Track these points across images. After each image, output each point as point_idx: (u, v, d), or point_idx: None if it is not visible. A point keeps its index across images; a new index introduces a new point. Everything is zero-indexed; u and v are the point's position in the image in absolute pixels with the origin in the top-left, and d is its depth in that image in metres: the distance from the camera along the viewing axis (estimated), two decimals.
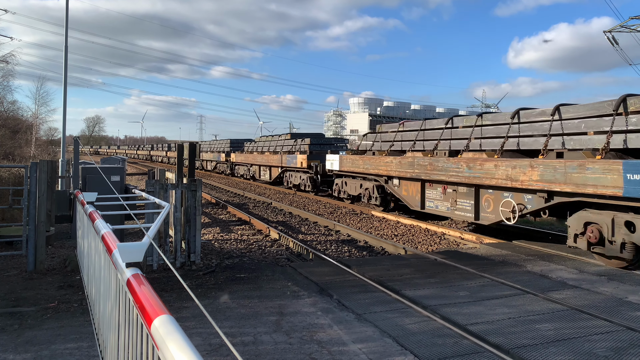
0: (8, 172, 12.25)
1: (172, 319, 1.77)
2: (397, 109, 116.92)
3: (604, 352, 4.78)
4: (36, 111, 43.71)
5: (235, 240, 11.59)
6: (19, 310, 5.88)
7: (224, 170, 39.67)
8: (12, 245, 9.36)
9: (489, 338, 5.09)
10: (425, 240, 11.85)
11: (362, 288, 6.98)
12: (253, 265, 8.57)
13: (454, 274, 7.80)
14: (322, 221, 14.58)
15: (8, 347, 4.75)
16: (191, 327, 5.29)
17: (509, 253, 9.48)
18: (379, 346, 4.88)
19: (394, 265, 8.44)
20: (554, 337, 5.15)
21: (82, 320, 5.49)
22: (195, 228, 8.42)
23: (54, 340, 4.94)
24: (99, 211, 4.95)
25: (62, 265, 8.06)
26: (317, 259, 9.57)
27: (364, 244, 11.55)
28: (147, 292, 2.11)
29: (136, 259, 2.54)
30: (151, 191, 8.12)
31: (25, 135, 36.03)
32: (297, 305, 6.14)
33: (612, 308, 6.12)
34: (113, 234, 3.47)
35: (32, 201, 8.03)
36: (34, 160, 8.72)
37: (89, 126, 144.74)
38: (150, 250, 7.68)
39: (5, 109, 36.36)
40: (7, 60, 35.44)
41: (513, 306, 6.18)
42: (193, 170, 9.07)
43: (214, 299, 6.38)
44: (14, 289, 6.83)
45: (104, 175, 8.14)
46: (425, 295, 6.63)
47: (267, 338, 5.04)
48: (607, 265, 8.47)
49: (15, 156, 26.80)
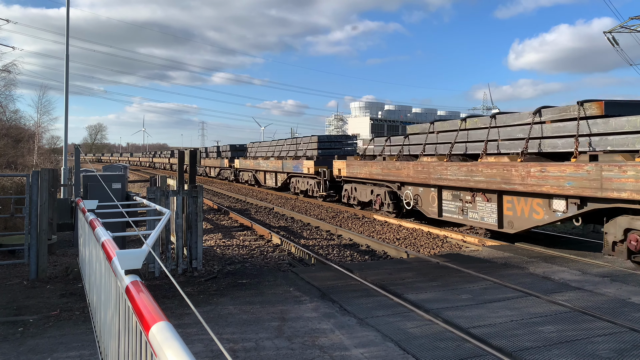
0: (10, 180, 12.29)
1: (169, 326, 1.77)
2: (399, 112, 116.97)
3: (607, 353, 4.75)
4: (38, 120, 43.91)
5: (237, 246, 11.59)
6: (21, 318, 5.88)
7: (227, 176, 38.85)
8: (14, 253, 9.37)
9: (491, 341, 5.07)
10: (428, 243, 11.83)
11: (364, 292, 6.97)
12: (255, 271, 8.57)
13: (456, 277, 7.78)
14: (324, 226, 14.57)
15: (10, 356, 4.75)
16: (192, 333, 5.29)
17: (511, 255, 9.46)
18: (380, 350, 4.87)
19: (396, 269, 8.43)
20: (557, 339, 5.13)
21: (84, 328, 5.49)
22: (197, 234, 8.43)
23: (56, 348, 4.94)
24: (100, 219, 4.96)
25: (64, 273, 8.07)
26: (319, 263, 9.56)
27: (366, 248, 11.53)
28: (145, 299, 2.11)
29: (135, 266, 2.55)
30: (152, 198, 8.13)
31: (27, 144, 36.18)
32: (299, 311, 6.13)
33: (616, 309, 6.10)
34: (113, 241, 3.48)
35: (33, 209, 8.05)
36: (36, 169, 8.74)
37: (91, 134, 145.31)
38: (152, 257, 7.68)
39: (7, 118, 36.53)
40: (9, 70, 35.66)
41: (515, 309, 6.16)
42: (194, 176, 9.08)
43: (216, 305, 6.38)
44: (16, 297, 6.83)
45: (104, 183, 8.16)
46: (427, 299, 6.62)
47: (269, 344, 5.04)
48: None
49: (18, 165, 26.89)
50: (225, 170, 39.55)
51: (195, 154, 9.28)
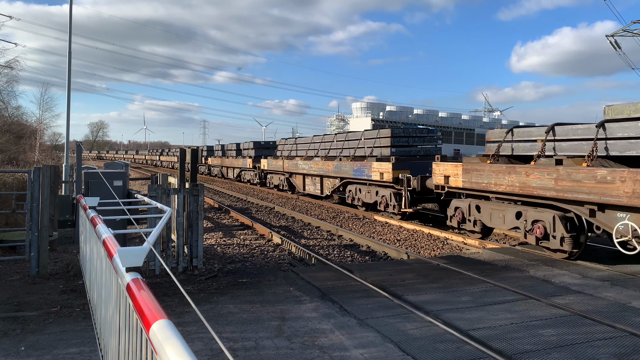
0: (12, 177, 12.31)
1: (170, 324, 1.77)
2: (400, 113, 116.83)
3: (606, 358, 4.75)
4: (40, 116, 43.97)
5: (237, 245, 11.59)
6: (21, 314, 5.89)
7: (250, 179, 32.51)
8: (15, 249, 9.39)
9: (491, 343, 5.07)
10: (428, 245, 11.82)
11: (364, 293, 6.97)
12: (255, 270, 8.57)
13: (456, 279, 7.78)
14: (324, 226, 14.57)
15: (10, 352, 4.76)
16: (193, 332, 5.29)
17: (512, 258, 9.45)
18: (380, 351, 4.87)
19: (396, 270, 8.43)
20: (557, 342, 5.12)
21: (84, 325, 5.50)
22: (198, 233, 8.44)
23: (56, 345, 4.94)
24: (101, 216, 4.97)
25: (65, 270, 8.08)
26: (319, 263, 9.56)
27: (366, 249, 11.53)
28: (146, 296, 2.11)
29: (136, 263, 2.55)
30: (153, 196, 8.14)
31: (29, 141, 36.24)
32: (299, 310, 6.13)
33: (616, 313, 6.09)
34: (114, 238, 3.48)
35: (35, 206, 8.06)
36: (38, 166, 8.75)
37: (93, 131, 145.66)
38: (152, 255, 7.68)
39: (9, 115, 36.57)
40: (11, 66, 35.72)
41: (515, 311, 6.15)
42: (195, 175, 9.09)
43: (216, 304, 6.38)
44: (17, 293, 6.85)
45: (105, 180, 8.17)
46: (427, 301, 6.61)
47: (268, 343, 5.04)
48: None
49: (20, 161, 26.92)
50: (247, 171, 33.43)
51: (197, 153, 9.29)
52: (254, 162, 31.08)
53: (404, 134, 17.56)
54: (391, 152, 16.86)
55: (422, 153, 17.27)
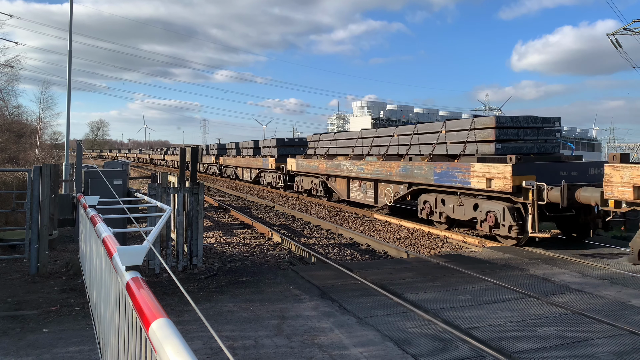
0: (12, 175, 12.30)
1: (169, 323, 1.77)
2: (400, 112, 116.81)
3: (606, 356, 4.75)
4: (40, 115, 43.89)
5: (237, 244, 11.59)
6: (21, 313, 5.89)
7: (272, 181, 27.79)
8: (15, 248, 9.39)
9: (490, 342, 5.07)
10: (428, 243, 11.82)
11: (363, 292, 6.97)
12: (255, 269, 8.58)
13: (456, 278, 7.78)
14: (324, 224, 14.57)
15: (10, 351, 4.76)
16: (192, 330, 5.29)
17: (512, 256, 9.45)
18: (380, 350, 4.87)
19: (396, 269, 8.43)
20: (557, 341, 5.13)
21: (83, 324, 5.50)
22: (198, 231, 8.44)
23: (56, 343, 4.94)
24: (101, 215, 4.97)
25: (65, 269, 8.08)
26: (319, 262, 9.57)
27: (366, 248, 11.54)
28: (145, 295, 2.11)
29: (136, 262, 2.55)
30: (153, 195, 8.14)
31: (29, 139, 36.20)
32: (298, 309, 6.13)
33: (615, 312, 6.09)
34: (114, 237, 3.48)
35: (35, 205, 8.06)
36: (38, 164, 8.75)
37: (93, 130, 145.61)
38: (152, 254, 7.68)
39: (10, 113, 36.56)
40: (11, 65, 35.63)
41: (515, 310, 6.16)
42: (195, 174, 9.09)
43: (216, 303, 6.38)
44: (16, 292, 6.85)
45: (105, 179, 8.17)
46: (427, 299, 6.62)
47: (268, 342, 5.04)
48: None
49: (20, 160, 26.91)
50: (268, 173, 28.59)
51: (197, 152, 9.29)
52: (278, 162, 26.53)
53: (512, 124, 12.14)
54: (496, 150, 11.85)
55: (535, 151, 12.36)
